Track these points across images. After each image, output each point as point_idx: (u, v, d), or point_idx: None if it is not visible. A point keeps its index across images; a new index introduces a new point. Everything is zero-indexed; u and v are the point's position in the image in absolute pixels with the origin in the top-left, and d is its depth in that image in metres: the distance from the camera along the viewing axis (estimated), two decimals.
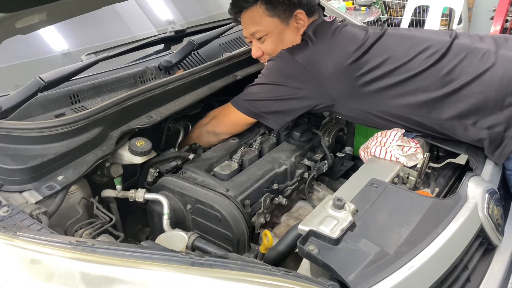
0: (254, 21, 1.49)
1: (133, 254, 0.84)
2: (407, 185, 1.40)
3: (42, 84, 1.28)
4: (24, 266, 0.85)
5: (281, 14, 1.45)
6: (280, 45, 1.49)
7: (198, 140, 1.61)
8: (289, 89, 1.43)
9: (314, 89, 1.42)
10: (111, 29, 1.82)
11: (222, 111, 1.58)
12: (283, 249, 1.17)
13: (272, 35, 1.48)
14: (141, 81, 1.55)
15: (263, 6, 1.44)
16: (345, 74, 1.39)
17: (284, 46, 1.49)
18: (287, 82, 1.44)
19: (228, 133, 1.59)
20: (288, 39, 1.49)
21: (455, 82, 1.33)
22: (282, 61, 1.46)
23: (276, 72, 1.47)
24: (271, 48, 1.52)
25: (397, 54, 1.39)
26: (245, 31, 1.55)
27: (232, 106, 1.53)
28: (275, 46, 1.50)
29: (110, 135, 1.31)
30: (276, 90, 1.45)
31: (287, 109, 1.46)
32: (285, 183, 1.45)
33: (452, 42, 1.39)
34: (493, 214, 1.20)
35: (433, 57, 1.36)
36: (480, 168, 1.34)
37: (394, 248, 1.00)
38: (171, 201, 1.31)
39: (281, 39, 1.48)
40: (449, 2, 4.70)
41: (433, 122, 1.38)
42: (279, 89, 1.45)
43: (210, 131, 1.59)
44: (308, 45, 1.45)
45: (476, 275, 1.18)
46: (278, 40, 1.49)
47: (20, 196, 1.12)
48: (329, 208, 1.07)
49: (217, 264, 0.83)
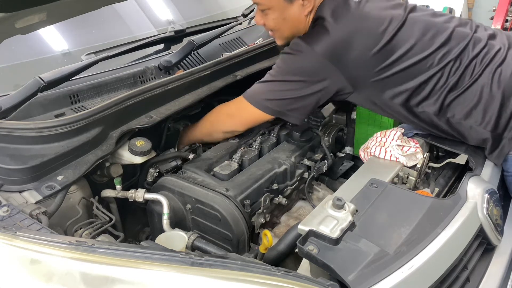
0: None
1: (133, 254, 0.84)
2: (407, 185, 1.40)
3: (42, 84, 1.28)
4: (24, 266, 0.85)
5: None
6: (282, 23, 1.43)
7: (209, 137, 1.60)
8: (312, 85, 1.39)
9: (337, 79, 1.39)
10: (111, 29, 1.82)
11: (238, 109, 1.52)
12: (283, 249, 1.17)
13: (274, 10, 1.40)
14: (141, 81, 1.55)
15: None
16: (369, 63, 1.35)
17: (286, 24, 1.43)
18: (309, 78, 1.39)
19: (246, 129, 1.58)
20: (291, 17, 1.41)
21: (468, 79, 1.32)
22: (303, 56, 1.39)
23: (298, 69, 1.41)
24: (272, 25, 1.46)
25: (420, 44, 1.35)
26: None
27: (250, 104, 1.46)
28: (276, 24, 1.44)
29: (110, 135, 1.32)
30: (298, 88, 1.40)
31: (310, 103, 1.43)
32: (285, 183, 1.45)
33: (472, 36, 1.37)
34: (493, 214, 1.20)
35: (454, 52, 1.34)
36: (479, 168, 1.34)
37: (394, 248, 1.00)
38: (171, 201, 1.31)
39: (283, 16, 1.41)
40: (449, 2, 4.69)
41: (443, 120, 1.37)
42: (301, 86, 1.40)
43: (227, 130, 1.57)
44: (327, 31, 1.37)
45: (475, 275, 1.18)
46: (280, 18, 1.41)
47: (20, 196, 1.12)
48: (329, 208, 1.07)
49: (217, 264, 0.83)
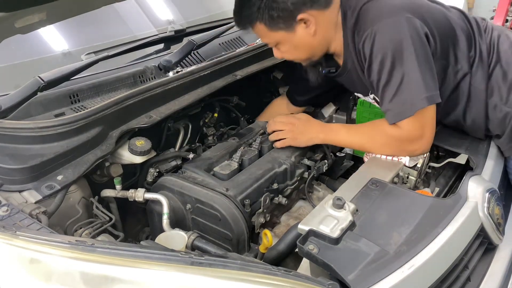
0: (260, 36, 1.48)
1: (132, 253, 0.84)
2: (407, 184, 1.40)
3: (41, 84, 1.28)
4: (23, 265, 0.85)
5: (283, 27, 1.38)
6: (295, 51, 1.46)
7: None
8: (427, 47, 1.30)
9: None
10: (111, 29, 1.82)
11: (413, 122, 1.30)
12: (283, 249, 1.17)
13: (283, 43, 1.44)
14: (140, 80, 1.55)
15: (262, 24, 1.40)
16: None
17: (300, 50, 1.46)
18: (423, 42, 1.28)
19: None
20: (301, 43, 1.43)
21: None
22: (403, 26, 1.27)
23: (407, 41, 1.26)
24: (288, 55, 1.49)
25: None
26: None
27: (420, 110, 1.28)
28: (291, 53, 1.48)
29: (109, 134, 1.31)
30: (426, 59, 1.29)
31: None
32: (285, 182, 1.44)
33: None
34: (494, 213, 1.20)
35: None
36: (480, 167, 1.34)
37: (394, 248, 1.00)
38: (171, 201, 1.31)
39: (293, 45, 1.44)
40: (449, 2, 4.70)
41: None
42: (425, 55, 1.29)
43: (411, 139, 1.35)
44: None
45: (476, 275, 1.18)
46: (291, 47, 1.45)
47: (19, 196, 1.12)
48: (329, 207, 1.07)
49: (216, 264, 0.83)
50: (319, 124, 1.55)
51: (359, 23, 1.35)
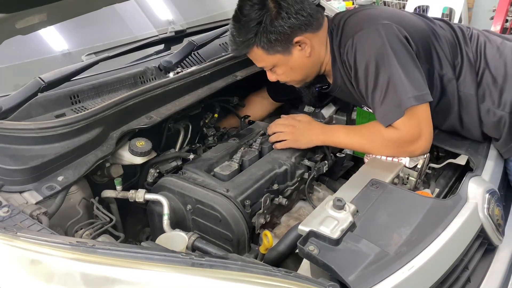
0: (257, 60, 1.51)
1: (133, 254, 0.84)
2: (407, 185, 1.41)
3: (42, 85, 1.28)
4: (24, 266, 0.85)
5: (280, 50, 1.42)
6: (291, 73, 1.51)
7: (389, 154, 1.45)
8: (409, 48, 1.33)
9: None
10: (111, 29, 1.82)
11: (407, 122, 1.32)
12: (283, 250, 1.17)
13: (279, 66, 1.49)
14: (141, 81, 1.55)
15: (259, 48, 1.43)
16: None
17: (295, 72, 1.51)
18: (403, 44, 1.32)
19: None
20: (297, 65, 1.48)
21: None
22: (380, 31, 1.32)
23: (389, 45, 1.30)
24: (284, 78, 1.54)
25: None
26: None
27: (409, 110, 1.29)
28: (286, 75, 1.52)
29: (110, 135, 1.31)
30: (408, 59, 1.31)
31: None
32: (285, 183, 1.45)
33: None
34: (494, 214, 1.20)
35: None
36: (480, 168, 1.34)
37: (395, 249, 1.00)
38: (171, 202, 1.31)
39: (289, 67, 1.49)
40: (449, 2, 4.71)
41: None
42: (408, 56, 1.32)
43: (409, 140, 1.35)
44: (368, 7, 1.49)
45: (476, 276, 1.18)
46: (287, 69, 1.50)
47: (20, 197, 1.12)
48: (329, 208, 1.07)
49: (217, 265, 0.83)
50: (319, 126, 1.56)
51: (342, 36, 1.42)
